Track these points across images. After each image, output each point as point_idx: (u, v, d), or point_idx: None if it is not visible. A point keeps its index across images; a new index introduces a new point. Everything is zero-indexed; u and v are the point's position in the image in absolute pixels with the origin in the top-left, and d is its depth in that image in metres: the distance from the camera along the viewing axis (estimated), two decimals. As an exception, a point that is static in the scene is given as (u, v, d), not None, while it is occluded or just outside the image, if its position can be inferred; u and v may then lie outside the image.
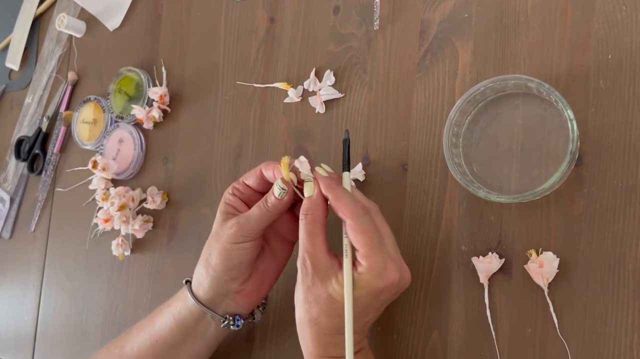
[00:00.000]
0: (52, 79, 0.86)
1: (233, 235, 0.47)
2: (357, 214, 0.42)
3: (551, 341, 0.42)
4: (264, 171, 0.48)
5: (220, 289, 0.49)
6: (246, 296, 0.50)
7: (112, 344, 0.57)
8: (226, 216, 0.49)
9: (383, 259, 0.41)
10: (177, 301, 0.52)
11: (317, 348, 0.43)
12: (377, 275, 0.41)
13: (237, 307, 0.50)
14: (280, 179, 0.46)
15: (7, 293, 0.87)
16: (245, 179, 0.49)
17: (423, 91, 0.51)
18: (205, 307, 0.50)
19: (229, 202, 0.49)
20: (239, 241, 0.47)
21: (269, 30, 0.62)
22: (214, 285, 0.49)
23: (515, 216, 0.45)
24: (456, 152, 0.46)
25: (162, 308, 0.54)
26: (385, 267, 0.41)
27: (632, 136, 0.41)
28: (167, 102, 0.69)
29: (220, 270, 0.48)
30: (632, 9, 0.42)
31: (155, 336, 0.53)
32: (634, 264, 0.40)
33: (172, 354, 0.53)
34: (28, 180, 0.87)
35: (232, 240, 0.47)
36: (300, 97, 0.58)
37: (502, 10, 0.48)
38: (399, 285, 0.42)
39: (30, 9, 0.91)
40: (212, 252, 0.48)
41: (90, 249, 0.75)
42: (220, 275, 0.48)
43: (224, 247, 0.47)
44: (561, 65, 0.44)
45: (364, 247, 0.41)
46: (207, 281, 0.49)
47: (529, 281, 0.43)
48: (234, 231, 0.47)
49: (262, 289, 0.51)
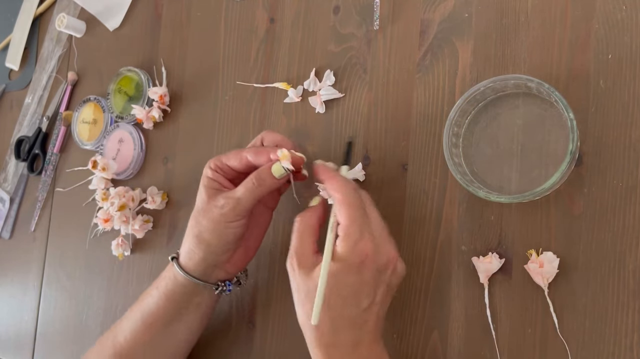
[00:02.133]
0: (52, 79, 0.86)
1: (226, 214, 0.48)
2: (346, 189, 0.43)
3: (551, 341, 0.42)
4: (252, 158, 0.49)
5: (212, 262, 0.51)
6: (235, 263, 0.53)
7: (102, 338, 0.57)
8: (211, 191, 0.50)
9: (360, 232, 0.41)
10: (165, 280, 0.53)
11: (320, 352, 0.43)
12: (352, 246, 0.41)
13: (226, 274, 0.53)
14: (287, 162, 0.47)
15: (7, 293, 0.87)
16: (227, 161, 0.50)
17: (423, 91, 0.51)
18: (198, 279, 0.51)
19: (212, 178, 0.50)
20: (232, 220, 0.49)
21: (269, 30, 0.62)
22: (206, 259, 0.51)
23: (515, 216, 0.45)
24: (456, 152, 0.46)
25: (150, 291, 0.54)
26: (361, 239, 0.41)
27: (632, 136, 0.41)
28: (167, 102, 0.69)
29: (214, 246, 0.50)
30: (632, 9, 0.42)
31: (149, 318, 0.53)
32: (634, 264, 0.40)
33: (168, 331, 0.53)
34: (28, 180, 0.87)
35: (225, 219, 0.48)
36: (300, 97, 0.58)
37: (502, 10, 0.48)
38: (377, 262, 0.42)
39: (30, 9, 0.91)
40: (204, 229, 0.49)
41: (90, 249, 0.75)
42: (214, 251, 0.50)
43: (219, 227, 0.49)
44: (561, 65, 0.44)
45: (346, 219, 0.42)
46: (199, 256, 0.50)
47: (529, 281, 0.43)
48: (227, 211, 0.48)
49: (248, 255, 0.54)
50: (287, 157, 0.47)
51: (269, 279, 0.58)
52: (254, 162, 0.49)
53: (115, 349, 0.54)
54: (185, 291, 0.52)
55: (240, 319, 0.59)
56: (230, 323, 0.60)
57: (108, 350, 0.55)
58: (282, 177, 0.48)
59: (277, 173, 0.47)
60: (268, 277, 0.58)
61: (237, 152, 0.50)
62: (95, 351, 0.57)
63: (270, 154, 0.48)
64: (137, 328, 0.54)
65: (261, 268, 0.59)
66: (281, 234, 0.58)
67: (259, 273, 0.59)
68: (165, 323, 0.53)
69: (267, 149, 0.49)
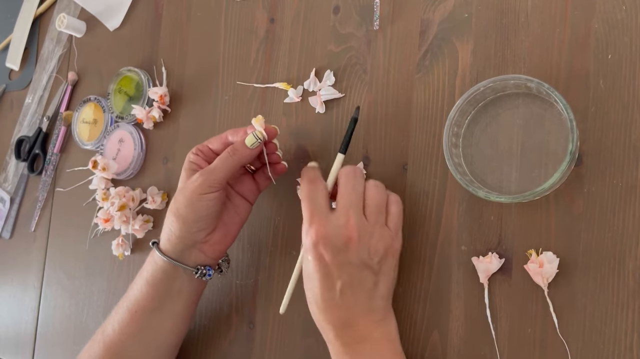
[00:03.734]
0: (52, 79, 0.86)
1: (200, 186, 0.50)
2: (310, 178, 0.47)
3: (551, 341, 0.42)
4: (232, 136, 0.53)
5: (188, 241, 0.52)
6: (212, 245, 0.53)
7: (95, 334, 0.57)
8: (190, 172, 0.52)
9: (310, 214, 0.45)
10: (147, 265, 0.54)
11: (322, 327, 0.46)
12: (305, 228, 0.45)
13: (205, 258, 0.53)
14: (258, 131, 0.50)
15: (7, 293, 0.87)
16: (209, 144, 0.54)
17: (423, 91, 0.51)
18: (175, 261, 0.52)
19: (193, 161, 0.53)
20: (206, 192, 0.50)
21: (269, 30, 0.62)
22: (183, 237, 0.52)
23: (515, 216, 0.45)
24: (456, 152, 0.46)
25: (135, 279, 0.55)
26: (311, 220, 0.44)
27: (632, 136, 0.41)
28: (167, 102, 0.69)
29: (190, 221, 0.51)
30: (632, 9, 0.42)
31: (133, 307, 0.54)
32: (634, 264, 0.40)
33: (153, 320, 0.54)
34: (28, 180, 0.87)
35: (199, 191, 0.50)
36: (300, 97, 0.58)
37: (502, 10, 0.48)
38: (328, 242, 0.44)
39: (30, 9, 0.91)
40: (180, 205, 0.51)
41: (90, 249, 0.75)
42: (189, 226, 0.51)
43: (192, 199, 0.50)
44: (561, 65, 0.44)
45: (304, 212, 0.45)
46: (176, 233, 0.52)
47: (529, 281, 0.43)
48: (199, 182, 0.50)
49: (226, 239, 0.54)
50: (260, 120, 0.51)
51: (269, 279, 0.58)
52: (232, 140, 0.53)
53: (104, 342, 0.55)
54: (165, 276, 0.53)
55: (240, 319, 0.59)
56: (230, 323, 0.60)
57: (98, 344, 0.55)
58: (255, 147, 0.50)
59: (250, 142, 0.50)
60: (268, 277, 0.58)
61: (218, 135, 0.54)
62: (87, 347, 0.57)
63: (247, 130, 0.52)
64: (123, 318, 0.54)
65: (261, 268, 0.59)
66: (281, 235, 0.58)
67: (259, 273, 0.59)
68: (149, 310, 0.53)
69: (244, 128, 0.52)
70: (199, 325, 0.62)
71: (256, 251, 0.59)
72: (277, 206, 0.58)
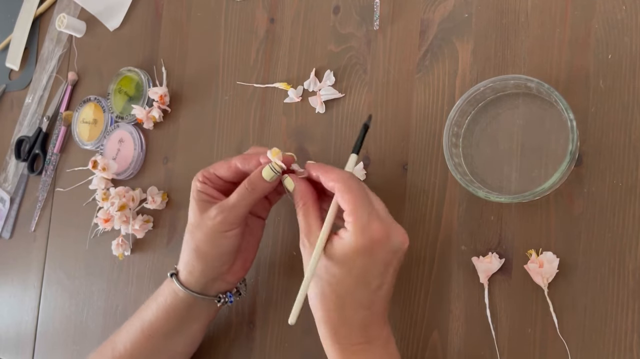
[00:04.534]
0: (52, 79, 0.86)
1: (220, 224, 0.48)
2: (345, 177, 0.43)
3: (551, 341, 0.42)
4: (241, 165, 0.49)
5: (211, 275, 0.51)
6: (234, 274, 0.53)
7: (101, 347, 0.57)
8: (203, 204, 0.49)
9: (368, 216, 0.41)
10: (163, 296, 0.53)
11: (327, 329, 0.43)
12: (362, 230, 0.41)
13: (227, 285, 0.53)
14: (275, 163, 0.47)
15: (7, 293, 0.87)
16: (215, 171, 0.50)
17: (423, 91, 0.51)
18: (199, 294, 0.52)
19: (203, 191, 0.50)
20: (227, 229, 0.48)
21: (269, 30, 0.62)
22: (206, 273, 0.51)
23: (515, 216, 0.45)
24: (456, 152, 0.46)
25: (149, 303, 0.54)
26: (369, 222, 0.41)
27: (632, 136, 0.41)
28: (167, 102, 0.69)
29: (212, 258, 0.50)
30: (632, 9, 0.42)
31: (148, 330, 0.53)
32: (634, 264, 0.40)
33: (168, 342, 0.54)
34: (28, 180, 0.87)
35: (220, 229, 0.48)
36: (300, 97, 0.58)
37: (502, 10, 0.48)
38: (390, 244, 0.42)
39: (30, 9, 0.91)
40: (200, 242, 0.49)
41: (90, 249, 0.75)
42: (212, 263, 0.50)
43: (213, 237, 0.49)
44: (561, 65, 0.44)
45: (349, 204, 0.41)
46: (199, 270, 0.50)
47: (529, 281, 0.43)
48: (220, 220, 0.48)
49: (245, 265, 0.54)
50: (278, 153, 0.46)
51: (269, 279, 0.58)
52: (242, 169, 0.49)
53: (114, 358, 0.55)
54: (186, 306, 0.52)
55: (240, 319, 0.59)
56: (230, 323, 0.60)
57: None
58: (273, 180, 0.47)
59: (268, 176, 0.47)
60: (268, 277, 0.58)
61: (225, 161, 0.50)
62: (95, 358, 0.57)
63: (259, 158, 0.48)
64: (137, 339, 0.54)
65: (261, 269, 0.59)
66: (281, 236, 0.58)
67: (259, 274, 0.59)
68: (165, 334, 0.53)
69: (255, 154, 0.49)
70: (199, 325, 0.62)
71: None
72: (277, 206, 0.58)
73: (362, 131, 0.48)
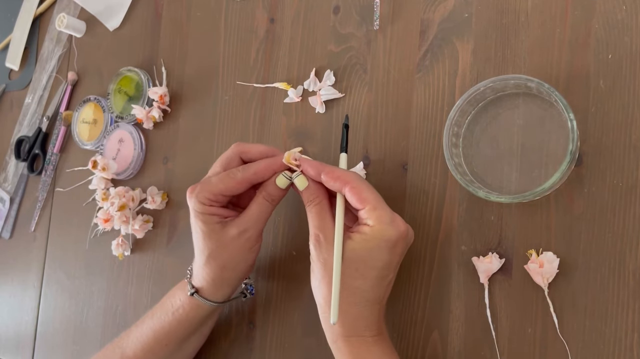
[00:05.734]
0: (52, 79, 0.86)
1: (247, 241, 0.49)
2: (355, 177, 0.44)
3: (551, 341, 0.42)
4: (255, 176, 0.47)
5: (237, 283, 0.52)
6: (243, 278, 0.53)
7: (106, 350, 0.57)
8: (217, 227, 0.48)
9: (389, 210, 0.43)
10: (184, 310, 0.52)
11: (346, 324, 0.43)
12: (389, 223, 0.42)
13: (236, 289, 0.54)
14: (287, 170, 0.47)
15: (7, 292, 0.87)
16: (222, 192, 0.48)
17: (423, 91, 0.51)
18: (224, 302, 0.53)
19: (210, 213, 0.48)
20: (255, 243, 0.50)
21: (269, 30, 0.62)
22: (234, 283, 0.52)
23: (515, 216, 0.45)
24: (456, 152, 0.46)
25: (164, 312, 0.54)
26: (393, 216, 0.43)
27: (632, 136, 0.41)
28: (167, 102, 0.69)
29: (242, 272, 0.51)
30: (632, 9, 0.42)
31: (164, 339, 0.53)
32: (634, 264, 0.40)
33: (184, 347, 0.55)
34: (28, 180, 0.87)
35: (248, 246, 0.49)
36: (300, 97, 0.58)
37: (502, 10, 0.48)
38: (408, 237, 0.43)
39: (30, 9, 0.91)
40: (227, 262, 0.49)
41: (90, 249, 0.75)
42: (242, 275, 0.51)
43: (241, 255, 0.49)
44: (561, 65, 0.44)
45: (370, 202, 0.42)
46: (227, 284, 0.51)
47: (529, 281, 0.43)
48: (246, 239, 0.48)
49: (252, 268, 0.54)
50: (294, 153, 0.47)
51: (269, 279, 0.58)
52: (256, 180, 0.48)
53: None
54: (207, 314, 0.53)
55: (240, 319, 0.59)
56: (231, 323, 0.60)
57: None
58: (287, 185, 0.48)
59: (283, 185, 0.48)
60: (268, 277, 0.58)
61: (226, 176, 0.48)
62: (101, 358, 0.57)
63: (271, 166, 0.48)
64: (149, 347, 0.54)
65: (261, 269, 0.59)
66: (281, 236, 0.58)
67: (259, 274, 0.59)
68: (181, 340, 0.54)
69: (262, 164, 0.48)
70: (199, 325, 0.62)
71: (256, 251, 0.59)
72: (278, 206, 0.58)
73: (344, 131, 0.49)
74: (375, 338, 0.43)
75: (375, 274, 0.43)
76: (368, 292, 0.43)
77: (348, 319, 0.43)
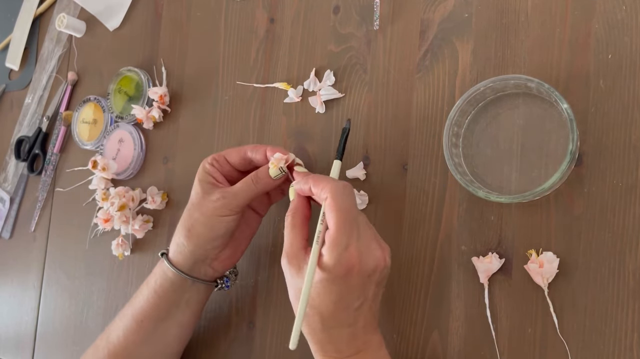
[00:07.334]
0: (52, 79, 0.86)
1: (220, 208, 0.50)
2: (335, 192, 0.42)
3: (551, 341, 0.42)
4: (252, 153, 0.51)
5: (200, 257, 0.52)
6: (222, 261, 0.54)
7: (98, 339, 0.57)
8: (207, 186, 0.51)
9: (347, 241, 0.41)
10: (154, 276, 0.54)
11: (316, 347, 0.44)
12: (338, 258, 0.40)
13: (213, 272, 0.54)
14: (283, 163, 0.49)
15: (7, 293, 0.87)
16: (227, 156, 0.52)
17: (423, 91, 0.51)
18: (186, 274, 0.52)
19: (209, 173, 0.51)
20: (225, 214, 0.50)
21: (269, 30, 0.62)
22: (195, 253, 0.52)
23: (515, 216, 0.45)
24: (456, 152, 0.46)
25: (141, 288, 0.55)
26: (346, 249, 0.41)
27: (632, 136, 0.41)
28: (167, 102, 0.69)
29: (205, 240, 0.51)
30: (632, 9, 0.42)
31: (139, 316, 0.54)
32: (634, 264, 0.40)
33: (159, 329, 0.54)
34: (28, 180, 0.87)
35: (219, 213, 0.50)
36: (300, 97, 0.58)
37: (502, 10, 0.48)
38: (363, 269, 0.41)
39: (30, 9, 0.91)
40: (196, 222, 0.51)
41: (90, 249, 0.75)
42: (203, 244, 0.51)
43: (211, 219, 0.50)
44: (561, 65, 0.44)
45: (334, 226, 0.41)
46: (189, 249, 0.52)
47: (529, 281, 0.43)
48: (220, 204, 0.50)
49: (236, 255, 0.55)
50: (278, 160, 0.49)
51: (269, 279, 0.58)
52: (251, 157, 0.51)
53: (109, 349, 0.55)
54: (174, 288, 0.53)
55: (240, 319, 0.59)
56: (230, 323, 0.60)
57: (103, 351, 0.55)
58: (279, 178, 0.50)
59: (274, 174, 0.49)
60: (268, 277, 0.58)
61: (237, 147, 0.52)
62: (90, 352, 0.57)
63: (267, 149, 0.50)
64: (129, 326, 0.54)
65: (261, 268, 0.59)
66: (281, 236, 0.58)
67: (259, 273, 0.59)
68: (156, 320, 0.54)
69: (264, 145, 0.51)
70: (199, 325, 0.62)
71: (256, 251, 0.59)
72: (277, 206, 0.58)
73: (343, 136, 0.49)
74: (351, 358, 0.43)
75: (332, 305, 0.41)
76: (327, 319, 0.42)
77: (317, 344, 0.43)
